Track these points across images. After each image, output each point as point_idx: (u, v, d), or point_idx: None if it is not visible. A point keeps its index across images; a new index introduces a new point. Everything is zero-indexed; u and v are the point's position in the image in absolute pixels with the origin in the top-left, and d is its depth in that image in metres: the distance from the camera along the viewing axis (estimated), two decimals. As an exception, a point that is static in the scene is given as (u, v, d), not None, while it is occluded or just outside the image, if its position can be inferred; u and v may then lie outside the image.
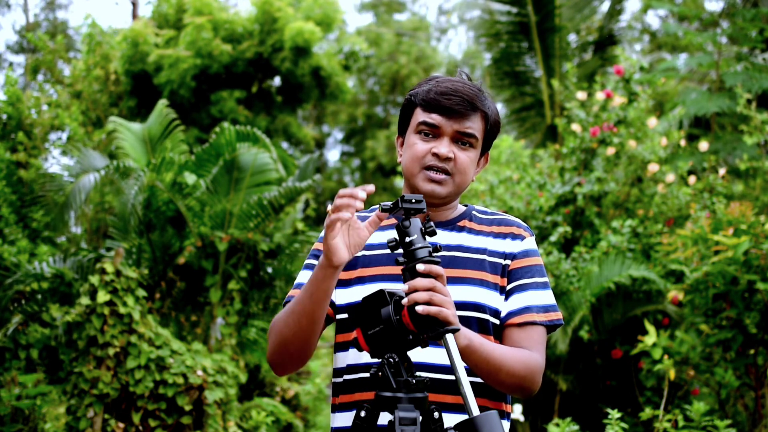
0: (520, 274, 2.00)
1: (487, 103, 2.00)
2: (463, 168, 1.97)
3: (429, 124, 1.96)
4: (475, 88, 1.99)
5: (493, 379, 1.87)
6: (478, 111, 1.97)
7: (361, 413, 1.77)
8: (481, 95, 1.98)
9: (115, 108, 12.52)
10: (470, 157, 1.98)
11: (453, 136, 1.96)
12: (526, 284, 1.99)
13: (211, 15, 12.42)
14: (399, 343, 1.75)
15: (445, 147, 1.95)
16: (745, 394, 5.55)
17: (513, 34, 11.22)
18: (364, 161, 24.62)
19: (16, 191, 8.17)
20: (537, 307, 1.98)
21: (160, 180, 7.12)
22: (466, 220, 2.06)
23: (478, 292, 1.95)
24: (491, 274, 1.98)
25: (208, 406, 5.98)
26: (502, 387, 1.90)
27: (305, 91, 13.53)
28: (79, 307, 5.82)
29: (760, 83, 7.97)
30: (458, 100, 1.94)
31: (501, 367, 1.85)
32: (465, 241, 2.02)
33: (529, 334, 1.95)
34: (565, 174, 6.89)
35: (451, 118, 1.95)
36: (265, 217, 7.43)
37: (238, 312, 7.40)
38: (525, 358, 1.90)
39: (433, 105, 1.96)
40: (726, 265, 4.92)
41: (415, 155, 1.97)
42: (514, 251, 2.01)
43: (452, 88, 1.95)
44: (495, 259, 2.00)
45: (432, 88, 1.97)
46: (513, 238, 2.03)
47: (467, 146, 1.98)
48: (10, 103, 8.77)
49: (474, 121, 1.97)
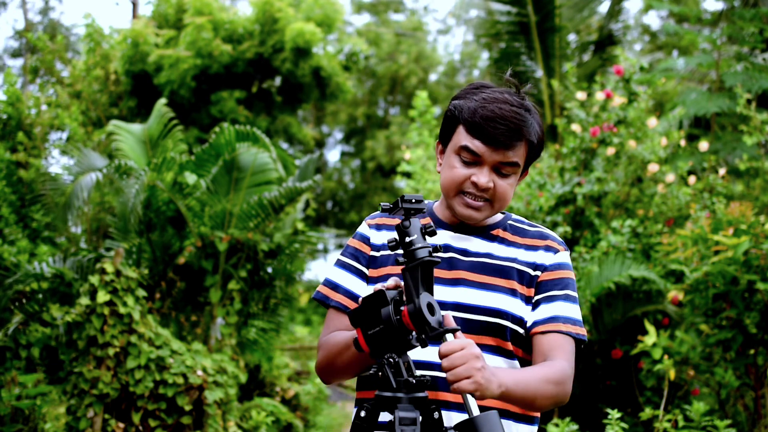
0: (549, 285, 1.99)
1: (533, 128, 1.93)
2: (502, 195, 1.94)
3: (471, 151, 1.91)
4: (522, 110, 1.91)
5: (529, 407, 1.88)
6: (523, 140, 1.91)
7: (361, 413, 1.77)
8: (528, 118, 1.91)
9: (115, 108, 12.51)
10: (510, 184, 1.94)
11: (493, 165, 1.92)
12: (555, 296, 1.98)
13: (211, 15, 12.42)
14: (399, 343, 1.75)
15: (485, 177, 1.91)
16: (745, 394, 5.55)
17: (513, 34, 11.21)
18: (363, 161, 24.63)
19: (16, 191, 8.18)
20: (564, 318, 1.96)
21: (160, 180, 7.12)
22: (500, 229, 2.04)
23: (502, 299, 1.95)
24: (518, 283, 1.97)
25: (208, 406, 5.98)
26: (540, 409, 1.90)
27: (305, 92, 13.53)
28: (79, 307, 5.82)
29: (760, 83, 7.97)
30: (503, 130, 1.87)
31: (536, 395, 1.84)
32: (495, 250, 2.01)
33: (557, 342, 1.94)
34: (565, 174, 6.89)
35: (494, 148, 1.89)
36: (265, 217, 7.43)
37: (238, 312, 7.40)
38: (554, 373, 1.89)
39: (478, 131, 1.89)
40: (726, 265, 4.92)
41: (454, 179, 1.94)
42: (545, 263, 2.00)
43: (499, 114, 1.87)
44: (524, 269, 1.99)
45: (478, 108, 1.89)
46: (546, 250, 2.02)
47: (508, 175, 1.93)
48: (10, 103, 8.77)
49: (518, 149, 1.91)
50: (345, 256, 2.08)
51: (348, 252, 2.08)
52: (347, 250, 2.08)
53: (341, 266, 2.07)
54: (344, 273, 2.06)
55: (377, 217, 2.11)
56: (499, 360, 1.95)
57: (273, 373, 8.62)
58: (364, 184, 24.88)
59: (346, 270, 2.06)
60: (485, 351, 1.92)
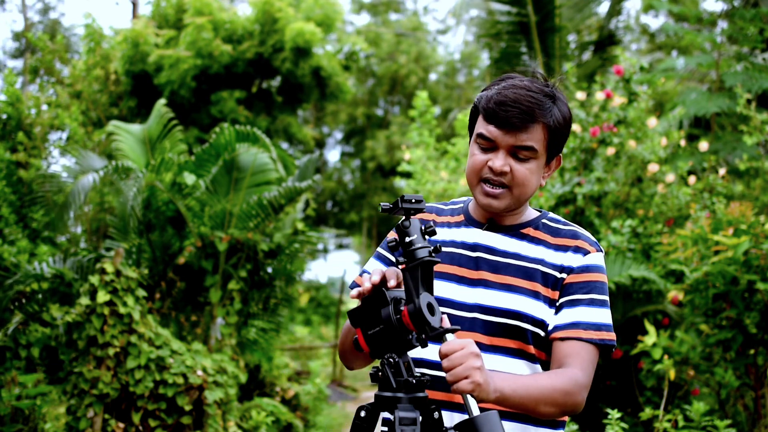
0: (574, 289, 1.94)
1: (550, 112, 1.91)
2: (521, 180, 1.92)
3: (485, 137, 1.92)
4: (541, 94, 1.91)
5: (532, 413, 1.85)
6: (538, 122, 1.90)
7: (361, 413, 1.77)
8: (545, 102, 1.90)
9: (115, 108, 12.51)
10: (530, 169, 1.92)
11: (509, 149, 1.91)
12: (579, 300, 1.93)
13: (211, 15, 12.42)
14: (399, 343, 1.75)
15: (501, 161, 1.91)
16: (745, 394, 5.55)
17: (513, 34, 11.21)
18: (363, 161, 24.62)
19: (16, 191, 8.17)
20: (586, 323, 1.91)
21: (159, 180, 7.12)
22: (531, 228, 2.02)
23: (522, 301, 1.92)
24: (542, 285, 1.94)
25: (208, 406, 5.98)
26: (545, 417, 1.87)
27: (305, 92, 13.53)
28: (79, 307, 5.82)
29: (760, 83, 7.97)
30: (515, 113, 1.87)
31: (537, 403, 1.81)
32: (522, 249, 1.98)
33: (574, 350, 1.90)
34: (565, 174, 6.89)
35: (506, 131, 1.89)
36: (265, 217, 7.43)
37: (238, 312, 7.40)
38: (563, 382, 1.85)
39: (491, 116, 1.90)
40: (726, 265, 4.92)
41: (473, 167, 1.95)
42: (572, 265, 1.96)
43: (512, 98, 1.88)
44: (550, 271, 1.96)
45: (494, 95, 1.91)
46: (575, 251, 1.97)
47: (525, 159, 1.92)
48: (10, 103, 8.76)
49: (532, 132, 1.90)
50: (382, 248, 2.10)
51: (384, 244, 2.09)
52: (384, 243, 2.08)
53: (376, 257, 2.10)
54: (376, 262, 2.08)
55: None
56: (520, 363, 1.92)
57: (273, 373, 8.62)
58: (364, 184, 24.88)
59: (378, 260, 2.09)
60: (507, 354, 1.91)
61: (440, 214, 2.10)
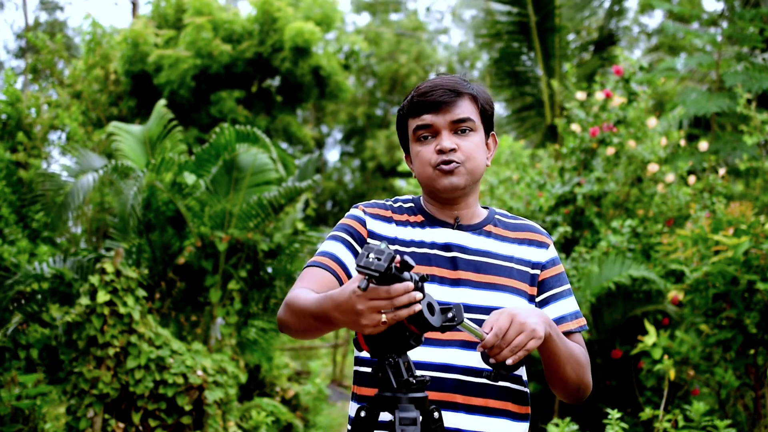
0: (551, 283, 2.03)
1: (471, 86, 2.00)
2: (470, 153, 1.96)
3: (423, 126, 1.97)
4: (456, 77, 2.00)
5: (555, 371, 1.92)
6: (464, 95, 1.97)
7: (361, 413, 1.77)
8: (462, 81, 1.99)
9: (115, 108, 12.51)
10: (474, 142, 1.97)
11: (450, 128, 1.96)
12: (558, 293, 2.03)
13: (210, 15, 12.42)
14: (399, 343, 1.75)
15: (446, 140, 1.95)
16: (745, 394, 5.55)
17: (513, 34, 11.22)
18: (363, 161, 24.60)
19: (16, 191, 8.17)
20: (570, 314, 2.02)
21: (159, 180, 7.12)
22: (491, 225, 2.06)
23: (507, 299, 1.96)
24: (520, 281, 2.00)
25: (208, 406, 5.98)
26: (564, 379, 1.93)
27: (305, 91, 13.53)
28: (79, 307, 5.82)
29: (760, 83, 7.96)
30: (441, 92, 1.95)
31: (569, 359, 1.91)
32: (493, 247, 2.02)
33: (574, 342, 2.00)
34: (565, 174, 6.89)
35: (440, 111, 1.96)
36: (265, 217, 7.43)
37: (238, 312, 7.40)
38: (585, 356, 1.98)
39: (419, 107, 1.97)
40: (726, 265, 4.92)
41: (423, 160, 1.98)
42: (541, 260, 2.04)
43: (431, 85, 1.98)
44: (523, 268, 2.02)
45: (413, 94, 2.00)
46: (538, 246, 2.06)
47: (467, 132, 1.97)
48: (10, 103, 8.76)
49: (463, 105, 1.97)
50: (338, 230, 2.04)
51: (341, 227, 2.04)
52: (340, 227, 2.04)
53: (334, 239, 2.02)
54: (335, 243, 2.01)
55: (372, 206, 2.08)
56: None
57: (273, 373, 8.63)
58: (364, 184, 24.87)
59: (336, 241, 2.01)
60: None
61: (396, 212, 2.07)
